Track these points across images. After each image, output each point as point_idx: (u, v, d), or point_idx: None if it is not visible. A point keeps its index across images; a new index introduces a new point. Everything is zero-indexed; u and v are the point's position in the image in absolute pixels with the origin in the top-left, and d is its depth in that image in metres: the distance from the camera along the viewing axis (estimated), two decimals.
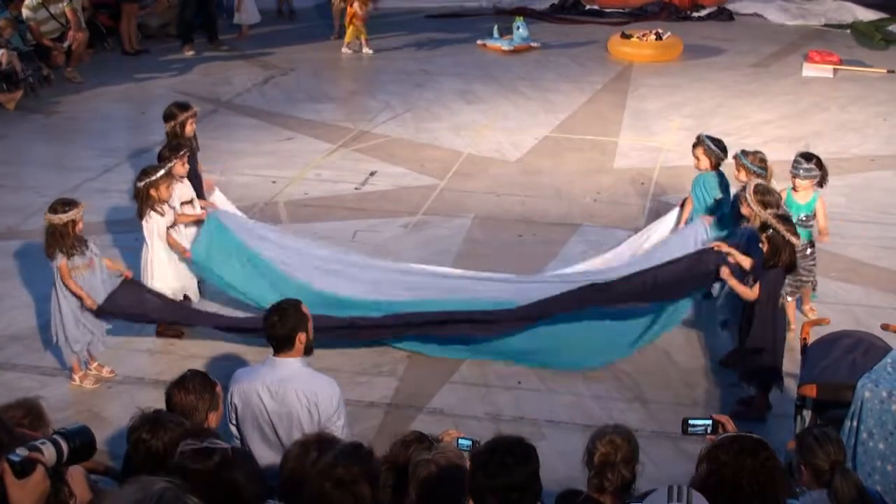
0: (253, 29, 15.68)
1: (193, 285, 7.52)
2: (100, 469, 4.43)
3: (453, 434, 4.36)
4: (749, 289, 6.30)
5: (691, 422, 4.30)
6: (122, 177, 10.03)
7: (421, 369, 7.08)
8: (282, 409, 4.75)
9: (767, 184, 6.87)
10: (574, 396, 6.79)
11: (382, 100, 12.79)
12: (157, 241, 7.19)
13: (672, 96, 12.82)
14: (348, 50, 14.71)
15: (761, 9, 16.91)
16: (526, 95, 12.97)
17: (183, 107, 7.99)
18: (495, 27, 15.17)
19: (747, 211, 6.59)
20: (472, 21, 16.51)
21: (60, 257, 6.56)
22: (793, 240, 6.24)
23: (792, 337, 6.91)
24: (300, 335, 4.81)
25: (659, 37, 14.64)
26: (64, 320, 6.71)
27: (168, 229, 7.21)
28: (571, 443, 5.74)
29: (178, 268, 7.36)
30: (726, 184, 7.57)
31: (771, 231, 6.24)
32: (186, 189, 7.47)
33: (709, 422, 4.28)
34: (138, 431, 3.92)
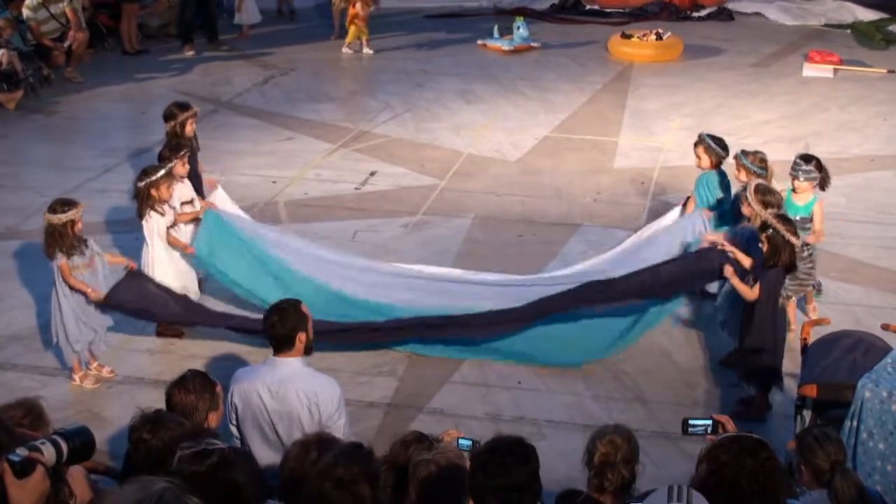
0: (253, 29, 15.68)
1: (194, 285, 7.52)
2: (100, 469, 4.43)
3: (453, 434, 4.36)
4: (750, 289, 6.30)
5: (691, 422, 4.30)
6: (122, 177, 10.03)
7: (421, 369, 7.08)
8: (282, 409, 4.74)
9: (768, 184, 6.88)
10: (574, 396, 6.79)
11: (382, 100, 12.79)
12: (157, 241, 7.19)
13: (672, 96, 12.82)
14: (349, 50, 14.71)
15: (762, 8, 16.91)
16: (526, 95, 12.97)
17: (183, 107, 8.00)
18: (495, 27, 15.17)
19: (748, 211, 6.61)
20: (472, 21, 16.52)
21: (60, 257, 6.56)
22: (793, 240, 6.24)
23: (792, 337, 6.91)
24: (300, 335, 4.81)
25: (659, 37, 14.64)
26: (64, 319, 6.70)
27: (168, 229, 7.21)
28: (571, 443, 5.74)
29: (179, 267, 7.36)
30: (727, 183, 7.58)
31: (771, 231, 6.25)
32: (187, 189, 7.47)
33: (709, 422, 4.27)
34: (139, 431, 3.92)
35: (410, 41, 15.41)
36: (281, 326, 4.81)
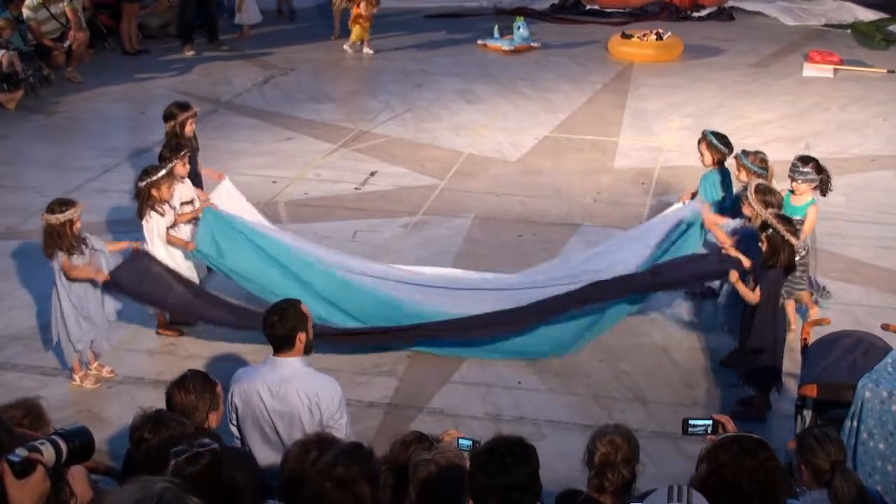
0: (253, 29, 15.68)
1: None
2: (100, 469, 4.44)
3: (453, 434, 4.36)
4: (752, 292, 6.30)
5: (691, 422, 4.30)
6: (122, 177, 10.04)
7: (421, 369, 7.08)
8: (283, 409, 4.75)
9: (768, 184, 6.89)
10: (574, 396, 6.79)
11: (382, 100, 12.79)
12: (157, 241, 7.18)
13: (672, 96, 12.82)
14: (350, 49, 14.71)
15: (763, 8, 16.91)
16: (526, 95, 12.96)
17: (183, 107, 8.00)
18: (496, 27, 15.17)
19: (749, 210, 6.63)
20: (472, 21, 16.51)
21: (61, 255, 6.56)
22: (792, 240, 6.25)
23: (792, 337, 6.91)
24: (300, 335, 4.82)
25: (659, 37, 14.63)
26: (65, 319, 6.69)
27: (168, 229, 7.21)
28: (571, 443, 5.75)
29: (179, 267, 7.34)
30: (729, 182, 7.59)
31: (771, 231, 6.25)
32: (187, 189, 7.47)
33: (709, 422, 4.27)
34: (140, 431, 3.92)
35: (410, 41, 15.41)
36: (281, 326, 4.81)
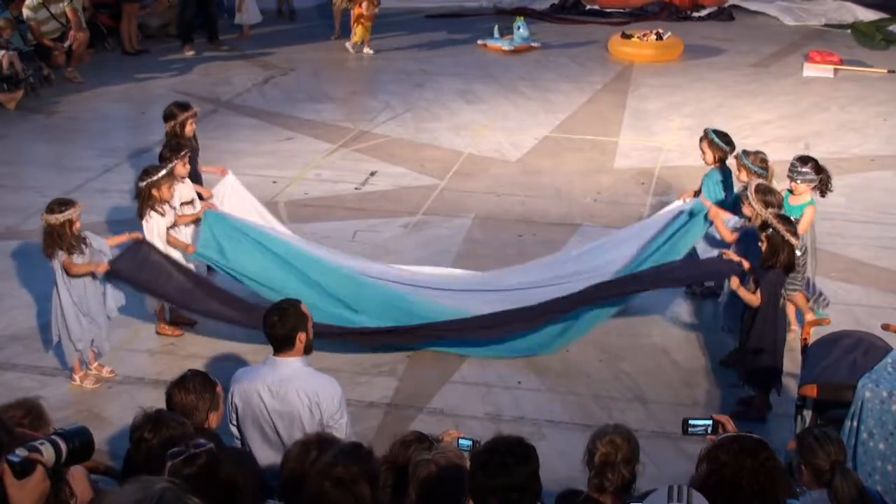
0: (253, 29, 15.68)
1: None
2: (100, 469, 4.44)
3: (453, 434, 4.36)
4: (753, 294, 6.30)
5: (691, 422, 4.30)
6: (122, 177, 10.04)
7: (421, 369, 7.08)
8: (283, 409, 4.74)
9: (769, 184, 6.89)
10: (574, 396, 6.79)
11: (382, 100, 12.79)
12: (157, 241, 7.17)
13: (672, 96, 12.82)
14: (352, 49, 14.70)
15: (763, 7, 16.91)
16: (526, 95, 12.96)
17: (183, 107, 8.00)
18: (496, 27, 15.17)
19: (749, 210, 6.63)
20: (472, 21, 16.51)
21: (61, 254, 6.55)
22: (792, 240, 6.25)
23: (792, 337, 6.91)
24: (300, 335, 4.81)
25: (659, 37, 14.63)
26: (66, 318, 6.69)
27: (168, 230, 7.21)
28: (571, 443, 5.75)
29: None
30: (730, 181, 7.59)
31: (771, 231, 6.25)
32: (187, 189, 7.47)
33: (709, 422, 4.27)
34: (140, 431, 3.92)
35: (410, 41, 15.41)
36: (281, 326, 4.81)
